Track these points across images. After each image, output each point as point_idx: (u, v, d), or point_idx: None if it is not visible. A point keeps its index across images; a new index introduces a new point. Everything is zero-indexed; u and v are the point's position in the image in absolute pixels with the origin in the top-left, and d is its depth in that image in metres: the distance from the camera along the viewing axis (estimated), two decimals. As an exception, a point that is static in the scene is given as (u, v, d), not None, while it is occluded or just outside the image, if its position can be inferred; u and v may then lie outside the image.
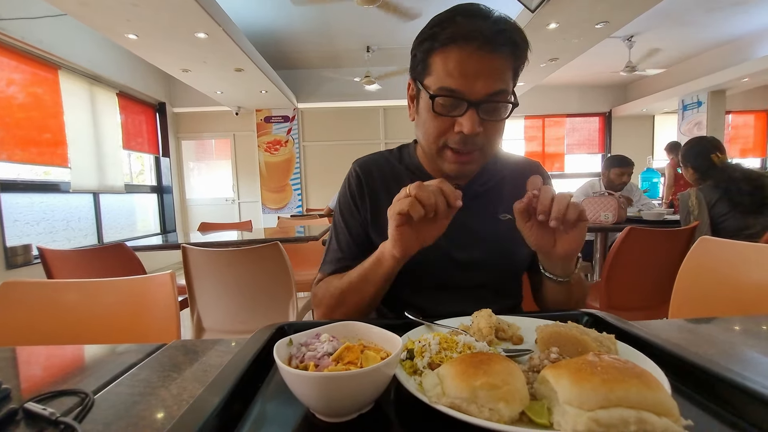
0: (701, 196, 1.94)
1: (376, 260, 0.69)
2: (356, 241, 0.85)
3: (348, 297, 0.74)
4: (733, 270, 1.13)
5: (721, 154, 1.99)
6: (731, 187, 1.87)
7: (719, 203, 1.89)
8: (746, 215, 1.83)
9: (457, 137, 0.69)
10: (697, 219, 1.91)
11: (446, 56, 0.66)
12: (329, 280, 0.82)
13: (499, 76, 0.66)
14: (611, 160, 2.92)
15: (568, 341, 0.50)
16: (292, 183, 6.29)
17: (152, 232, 5.45)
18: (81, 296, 0.98)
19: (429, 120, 0.71)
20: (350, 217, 0.86)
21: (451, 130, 0.69)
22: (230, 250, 1.54)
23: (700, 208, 1.92)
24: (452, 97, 0.66)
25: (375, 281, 0.70)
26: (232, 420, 0.39)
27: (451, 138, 0.70)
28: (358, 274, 0.72)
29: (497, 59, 0.65)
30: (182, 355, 0.60)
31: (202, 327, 1.66)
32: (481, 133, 0.68)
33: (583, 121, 6.69)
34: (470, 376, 0.36)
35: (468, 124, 0.66)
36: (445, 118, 0.69)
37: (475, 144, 0.70)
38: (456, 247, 0.80)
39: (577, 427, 0.32)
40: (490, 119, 0.68)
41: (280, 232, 2.78)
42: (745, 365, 0.53)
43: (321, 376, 0.36)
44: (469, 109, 0.66)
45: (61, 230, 3.92)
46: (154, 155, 5.66)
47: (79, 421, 0.42)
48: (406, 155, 0.89)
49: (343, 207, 0.87)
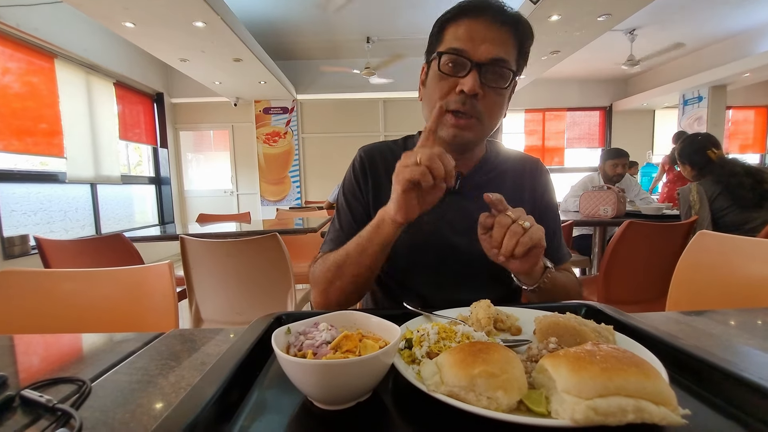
0: (702, 190, 1.95)
1: (375, 226, 0.69)
2: (357, 220, 0.86)
3: (345, 269, 0.73)
4: (731, 264, 1.13)
5: (716, 150, 2.01)
6: (732, 181, 1.88)
7: (720, 198, 1.91)
8: (747, 209, 1.85)
9: (458, 97, 0.72)
10: (697, 214, 1.92)
11: (457, 26, 0.73)
12: (326, 256, 0.81)
13: (503, 45, 0.72)
14: (606, 152, 2.93)
15: (566, 332, 0.51)
16: (291, 175, 6.26)
17: (150, 224, 5.44)
18: (78, 286, 0.98)
19: (433, 84, 0.75)
20: (353, 197, 0.87)
21: (453, 91, 0.73)
22: (229, 241, 1.54)
23: (701, 203, 1.93)
24: (458, 55, 0.71)
25: (373, 250, 0.69)
26: (229, 408, 0.39)
27: (452, 99, 0.73)
28: (356, 244, 0.72)
29: (502, 30, 0.72)
30: (180, 344, 0.60)
31: (200, 318, 1.66)
32: (480, 99, 0.72)
33: (583, 115, 6.67)
34: (469, 364, 0.36)
35: (469, 82, 0.70)
36: (449, 78, 0.73)
37: (474, 108, 0.72)
38: (457, 234, 0.81)
39: (575, 416, 0.32)
40: (491, 85, 0.72)
41: (279, 223, 2.77)
42: (740, 358, 0.53)
43: (319, 364, 0.36)
44: (473, 69, 0.70)
45: (58, 221, 3.91)
46: (151, 146, 5.63)
47: (76, 409, 0.42)
48: (410, 145, 0.90)
49: (346, 189, 0.89)
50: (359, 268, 0.72)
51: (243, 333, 0.54)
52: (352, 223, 0.86)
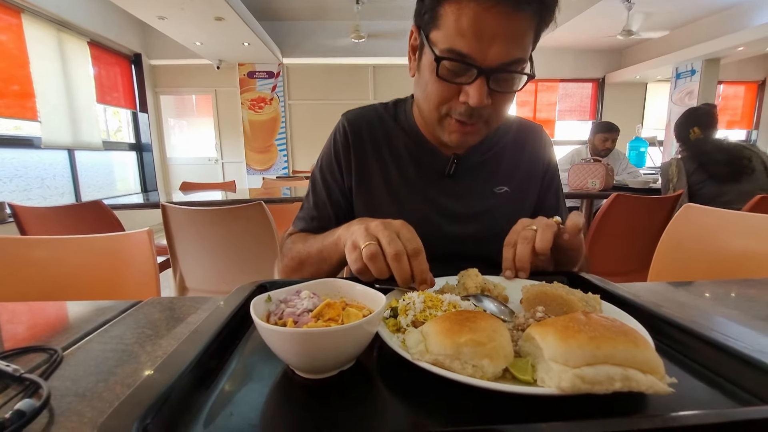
0: (681, 165, 2.06)
1: (333, 244, 0.63)
2: (333, 204, 0.81)
3: (306, 267, 0.71)
4: (714, 237, 1.15)
5: (699, 130, 2.09)
6: (704, 159, 2.00)
7: (696, 173, 2.02)
8: (721, 183, 1.97)
9: (462, 108, 0.62)
10: (676, 187, 2.01)
11: (460, 9, 0.55)
12: (295, 239, 0.78)
13: (519, 41, 0.58)
14: (596, 126, 2.92)
15: (554, 301, 0.50)
16: (278, 143, 6.11)
17: (132, 192, 5.29)
18: (54, 253, 0.95)
19: (431, 83, 0.63)
20: (331, 178, 0.81)
21: (456, 98, 0.62)
22: (212, 210, 1.50)
23: (679, 176, 2.04)
24: (461, 62, 0.58)
25: (331, 263, 0.66)
26: (207, 376, 0.38)
27: (454, 108, 0.63)
28: (318, 249, 0.67)
29: (519, 20, 0.56)
30: (159, 313, 0.58)
31: (185, 286, 1.65)
32: (488, 105, 0.61)
33: (576, 87, 6.59)
34: (455, 333, 0.35)
35: (475, 95, 0.58)
36: (450, 84, 0.61)
37: (479, 116, 0.64)
38: (448, 221, 0.77)
39: (561, 384, 0.31)
40: (501, 90, 0.61)
41: (265, 193, 2.72)
42: (723, 327, 0.54)
43: (299, 333, 0.35)
44: (479, 77, 0.58)
45: (35, 188, 3.77)
46: (131, 110, 5.39)
47: (45, 378, 0.40)
48: (401, 113, 0.82)
49: (324, 164, 0.82)
50: (318, 271, 0.69)
51: (223, 300, 0.52)
52: (326, 203, 0.81)
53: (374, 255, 0.48)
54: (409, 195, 0.78)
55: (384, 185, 0.78)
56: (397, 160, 0.78)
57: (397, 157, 0.79)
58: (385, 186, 0.78)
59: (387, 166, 0.78)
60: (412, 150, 0.79)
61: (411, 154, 0.78)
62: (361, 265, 0.49)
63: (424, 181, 0.78)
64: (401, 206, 0.78)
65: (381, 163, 0.79)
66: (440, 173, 0.77)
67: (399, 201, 0.78)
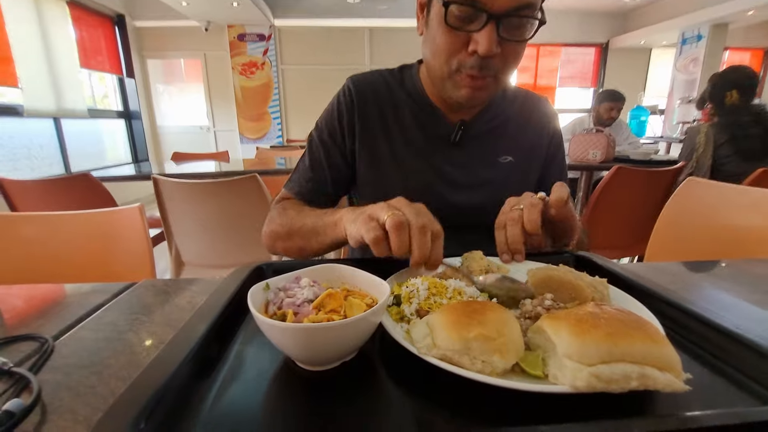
0: (711, 133, 1.83)
1: (332, 224, 0.60)
2: (331, 166, 0.78)
3: (293, 238, 0.68)
4: (715, 212, 1.14)
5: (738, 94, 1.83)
6: (738, 133, 1.78)
7: (726, 145, 1.81)
8: (750, 161, 1.76)
9: (471, 60, 0.60)
10: (699, 158, 1.84)
11: None
12: (288, 205, 0.75)
13: None
14: (602, 94, 2.84)
15: (561, 286, 0.49)
16: (271, 111, 5.94)
17: (123, 162, 5.17)
18: (42, 230, 0.92)
19: (440, 35, 0.61)
20: (331, 140, 0.78)
21: (465, 49, 0.61)
22: (205, 183, 1.45)
23: (705, 146, 1.83)
24: (470, 5, 0.56)
25: (324, 241, 0.63)
26: (205, 369, 0.36)
27: (464, 60, 0.61)
28: (312, 223, 0.64)
29: None
30: (152, 296, 0.56)
31: (181, 261, 1.63)
32: (497, 56, 0.60)
33: (578, 52, 6.38)
34: (463, 327, 0.34)
35: (485, 42, 0.57)
36: (459, 33, 0.59)
37: (489, 69, 0.62)
38: (454, 188, 0.76)
39: (576, 383, 0.30)
40: (511, 39, 0.59)
41: (259, 163, 2.66)
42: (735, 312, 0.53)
43: (300, 329, 0.33)
44: (489, 22, 0.57)
45: (23, 158, 3.67)
46: (117, 76, 5.17)
47: (35, 371, 0.38)
48: (407, 78, 0.79)
49: (325, 125, 0.78)
50: (307, 246, 0.66)
51: (219, 286, 0.50)
52: (323, 165, 0.78)
53: (401, 224, 0.45)
54: (413, 162, 0.76)
55: (388, 151, 0.76)
56: (402, 126, 0.76)
57: (402, 122, 0.77)
58: (390, 152, 0.76)
59: (392, 131, 0.76)
60: (418, 116, 0.76)
61: (416, 120, 0.76)
62: (380, 234, 0.46)
63: (429, 148, 0.76)
64: (405, 172, 0.76)
65: (386, 129, 0.76)
66: (446, 140, 0.76)
67: (403, 167, 0.76)
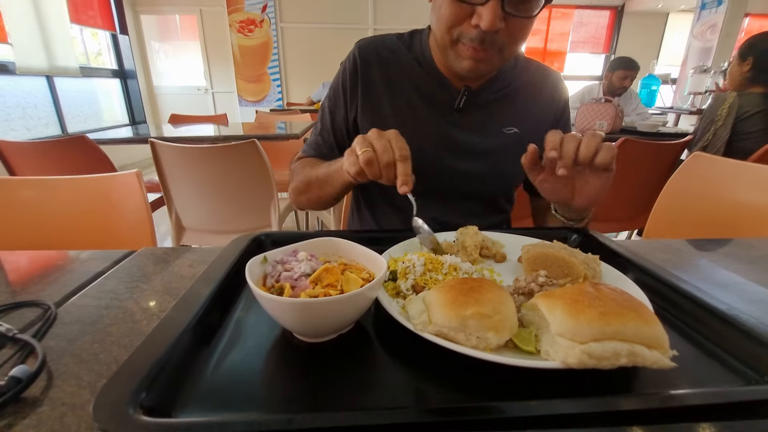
0: (737, 104, 1.66)
1: (338, 170, 0.64)
2: (335, 132, 0.81)
3: (312, 189, 0.74)
4: (719, 188, 1.13)
5: None
6: None
7: (753, 118, 1.64)
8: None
9: (473, 32, 0.59)
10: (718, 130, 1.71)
11: None
12: (304, 162, 0.82)
13: None
14: (617, 61, 2.73)
15: (555, 263, 0.49)
16: (271, 72, 5.74)
17: (120, 123, 5.08)
18: (38, 195, 0.91)
19: (445, 5, 0.60)
20: (335, 107, 0.80)
21: (468, 21, 0.59)
22: (203, 148, 1.43)
23: (726, 119, 1.68)
24: None
25: (334, 186, 0.68)
26: (204, 339, 0.37)
27: (466, 32, 0.60)
28: (324, 173, 0.70)
29: None
30: (152, 264, 0.57)
31: (182, 226, 1.64)
32: (501, 31, 0.58)
33: (592, 15, 6.08)
34: (460, 305, 0.34)
35: (488, 17, 0.56)
36: (463, 5, 0.58)
37: (493, 43, 0.60)
38: (455, 155, 0.75)
39: (568, 360, 0.30)
40: (516, 15, 0.58)
41: (259, 128, 2.61)
42: (730, 291, 0.53)
43: (298, 303, 0.33)
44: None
45: (17, 118, 3.59)
46: (110, 32, 4.97)
47: (39, 338, 0.39)
48: (416, 43, 0.77)
49: (333, 92, 0.81)
50: (322, 194, 0.72)
51: (217, 256, 0.51)
52: (329, 131, 0.81)
53: (370, 161, 0.52)
54: (416, 126, 0.75)
55: (391, 115, 0.76)
56: (407, 90, 0.76)
57: (406, 87, 0.76)
58: (393, 116, 0.76)
59: (396, 95, 0.76)
60: (424, 81, 0.75)
61: (422, 84, 0.75)
62: (359, 168, 0.53)
63: (433, 114, 0.75)
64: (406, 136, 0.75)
65: (390, 93, 0.76)
66: (450, 106, 0.75)
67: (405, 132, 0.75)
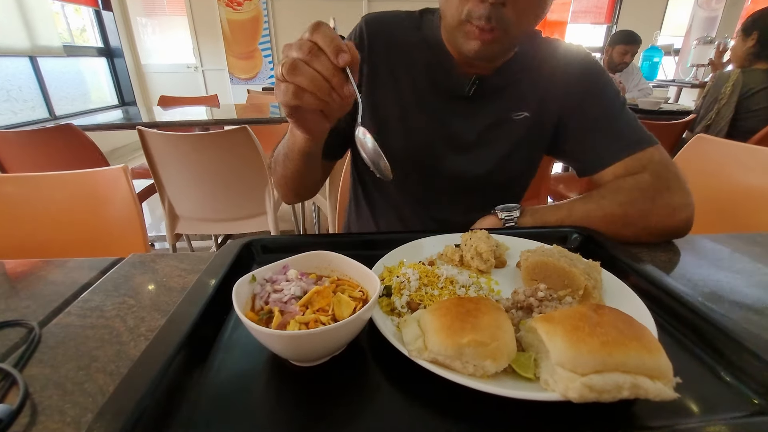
0: (741, 81, 1.63)
1: (290, 135, 0.59)
2: None
3: (288, 174, 0.66)
4: (722, 171, 1.11)
5: None
6: None
7: (758, 95, 1.61)
8: None
9: (480, 9, 0.56)
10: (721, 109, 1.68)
11: None
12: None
13: None
14: (617, 35, 2.64)
15: (555, 272, 0.47)
16: (262, 48, 5.55)
17: (109, 104, 4.94)
18: (23, 191, 0.88)
19: None
20: None
21: None
22: (193, 135, 1.39)
23: (730, 97, 1.65)
24: None
25: (294, 158, 0.61)
26: (192, 366, 0.36)
27: (473, 9, 0.56)
28: (282, 145, 0.65)
29: None
30: (140, 274, 0.55)
31: (175, 215, 1.61)
32: (508, 5, 0.55)
33: (594, -18, 5.85)
34: (456, 332, 0.33)
35: None
36: None
37: (499, 21, 0.56)
38: (457, 148, 0.71)
39: (568, 393, 0.29)
40: None
41: (251, 109, 2.55)
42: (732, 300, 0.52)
43: (285, 336, 0.32)
44: None
45: (2, 101, 3.48)
46: (93, 8, 4.76)
47: (23, 365, 0.38)
48: (427, 22, 0.72)
49: None
50: (297, 170, 0.64)
51: (207, 267, 0.49)
52: None
53: (293, 65, 0.41)
54: (418, 113, 0.71)
55: (393, 98, 0.72)
56: (412, 74, 0.71)
57: (412, 70, 0.71)
58: (394, 99, 0.72)
59: (400, 78, 0.71)
60: (431, 64, 0.70)
61: (429, 68, 0.71)
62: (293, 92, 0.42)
63: (438, 101, 0.71)
64: (407, 123, 0.72)
65: (394, 75, 0.71)
66: (457, 94, 0.70)
67: (406, 118, 0.72)
